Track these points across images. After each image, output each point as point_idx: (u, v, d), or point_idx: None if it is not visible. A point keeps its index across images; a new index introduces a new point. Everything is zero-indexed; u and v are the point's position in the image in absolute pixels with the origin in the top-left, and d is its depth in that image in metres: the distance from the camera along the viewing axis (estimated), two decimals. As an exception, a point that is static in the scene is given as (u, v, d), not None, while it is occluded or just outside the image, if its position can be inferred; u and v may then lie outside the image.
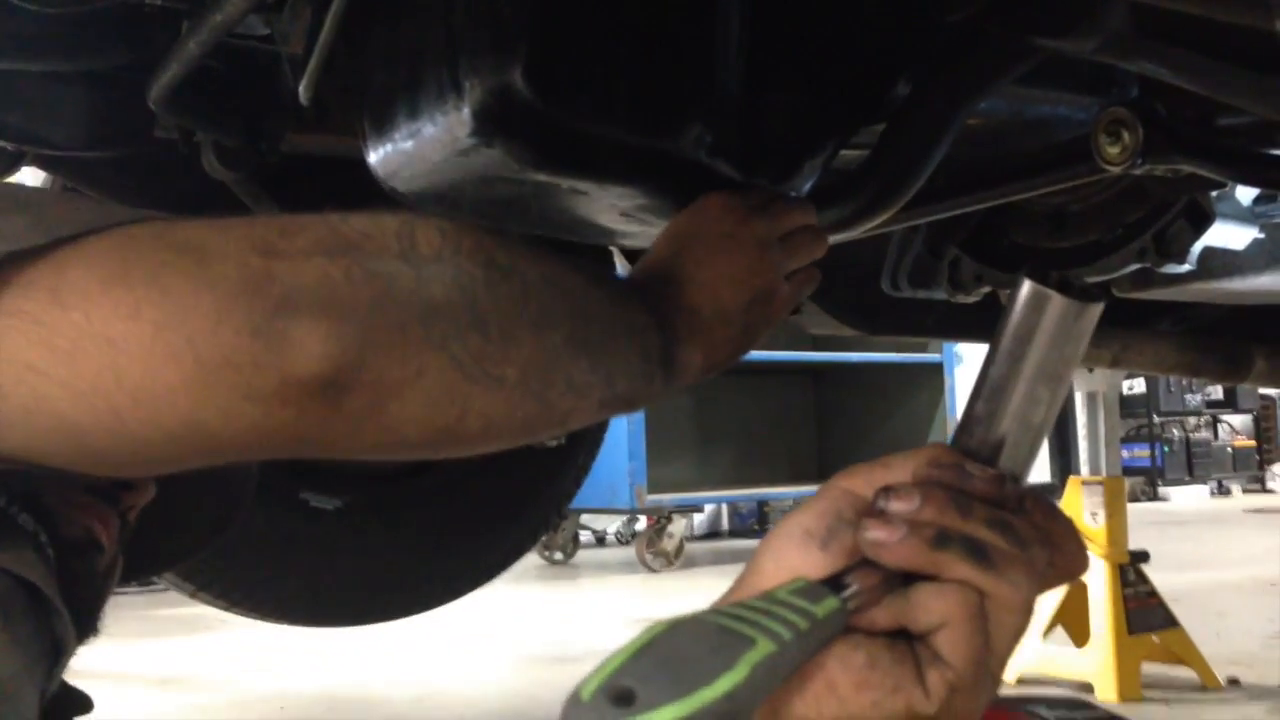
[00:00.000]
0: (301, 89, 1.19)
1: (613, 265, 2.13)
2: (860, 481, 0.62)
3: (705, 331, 0.92)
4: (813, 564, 0.59)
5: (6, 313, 0.62)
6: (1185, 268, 1.60)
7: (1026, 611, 0.58)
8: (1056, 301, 0.59)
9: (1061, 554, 0.61)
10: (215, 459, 0.69)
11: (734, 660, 0.51)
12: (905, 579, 0.58)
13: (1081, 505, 3.45)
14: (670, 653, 0.52)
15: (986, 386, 0.62)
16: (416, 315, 0.69)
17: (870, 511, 0.60)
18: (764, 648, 0.52)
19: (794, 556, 0.60)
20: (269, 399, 0.64)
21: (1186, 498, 12.23)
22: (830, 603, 0.56)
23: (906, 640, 0.58)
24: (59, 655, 0.77)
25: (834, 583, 0.57)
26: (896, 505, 0.58)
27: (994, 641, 0.57)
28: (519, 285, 0.76)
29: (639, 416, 6.34)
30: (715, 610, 0.54)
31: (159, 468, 0.73)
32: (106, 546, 0.87)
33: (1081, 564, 0.62)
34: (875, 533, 0.58)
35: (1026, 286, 0.60)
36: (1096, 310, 0.60)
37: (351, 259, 0.68)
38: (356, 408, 0.66)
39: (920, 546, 0.57)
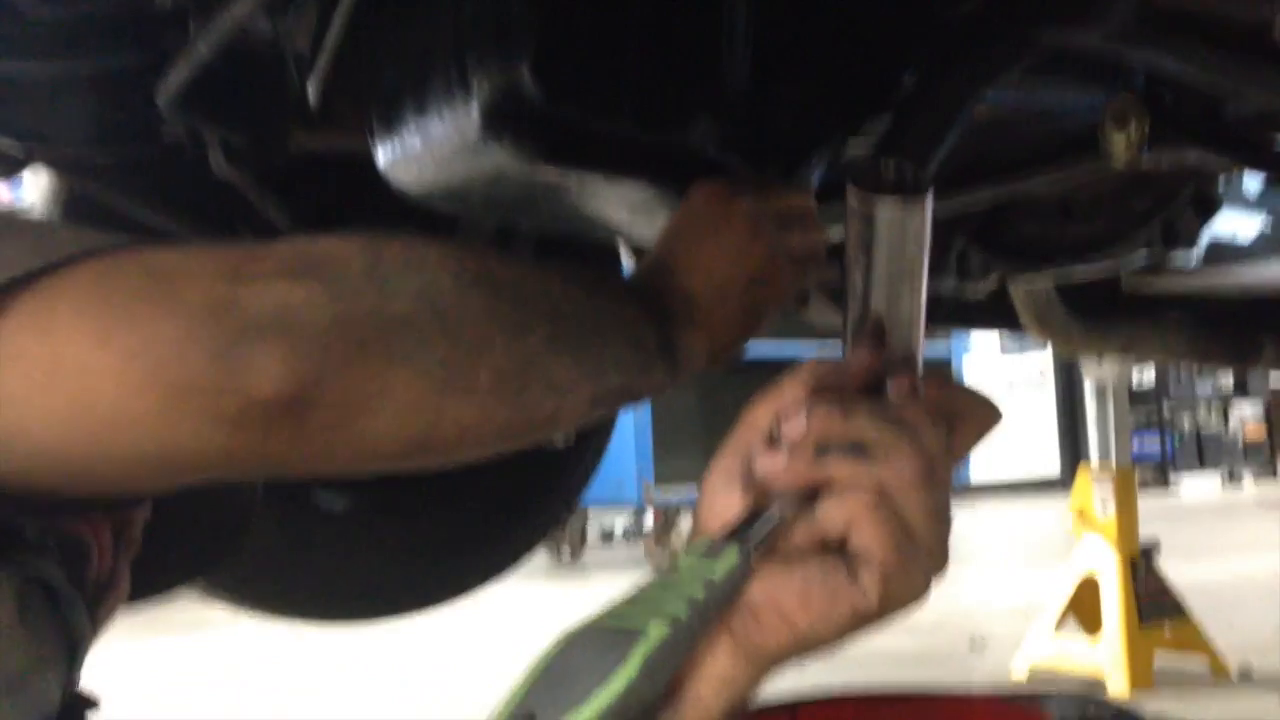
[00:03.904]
0: (310, 90, 1.19)
1: (619, 263, 2.14)
2: (761, 412, 0.66)
3: (704, 313, 0.91)
4: (737, 498, 0.65)
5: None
6: (1193, 256, 1.61)
7: (927, 486, 0.62)
8: (883, 204, 0.61)
9: (967, 418, 0.66)
10: (199, 478, 0.71)
11: (625, 656, 0.53)
12: (813, 498, 0.62)
13: (1091, 496, 3.45)
14: (565, 667, 0.54)
15: (851, 296, 0.65)
16: (377, 330, 0.70)
17: (767, 441, 0.64)
18: (656, 634, 0.54)
19: (721, 502, 0.65)
20: (235, 421, 0.65)
21: (1197, 487, 12.21)
22: (729, 556, 0.59)
23: (834, 552, 0.62)
24: (76, 648, 0.78)
25: (742, 526, 0.61)
26: (787, 428, 0.63)
27: (908, 521, 0.62)
28: (488, 290, 0.76)
29: (645, 412, 6.34)
30: (610, 609, 0.57)
31: (146, 487, 0.75)
32: (98, 556, 0.87)
33: (990, 419, 0.67)
34: (763, 464, 0.63)
35: (851, 195, 0.62)
36: (924, 201, 0.62)
37: (314, 280, 0.69)
38: (323, 426, 0.68)
39: (803, 463, 0.62)
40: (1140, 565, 3.41)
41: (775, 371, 0.69)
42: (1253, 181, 1.54)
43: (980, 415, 0.67)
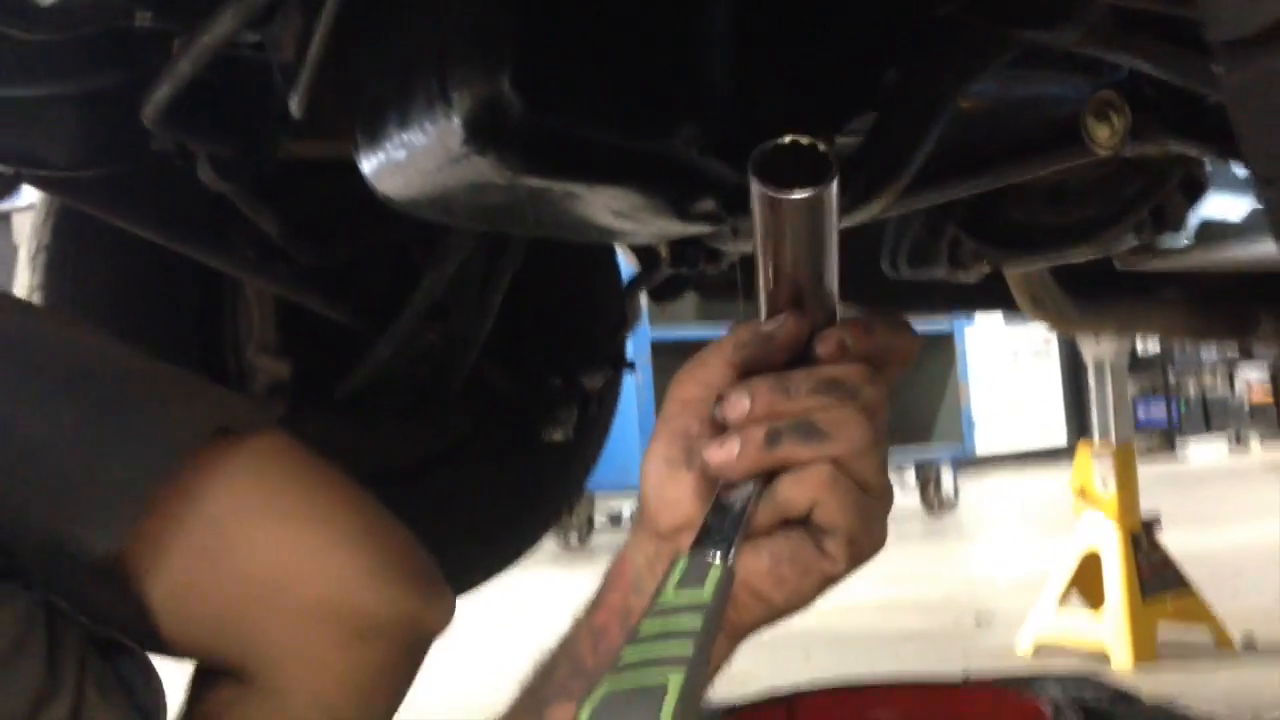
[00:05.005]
0: (294, 102, 1.20)
1: (615, 263, 2.14)
2: (690, 387, 0.66)
3: None
4: (687, 486, 0.65)
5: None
6: (1183, 239, 1.61)
7: (878, 443, 0.62)
8: (788, 195, 0.58)
9: (893, 353, 0.65)
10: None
11: (657, 717, 0.53)
12: (769, 477, 0.62)
13: (1091, 473, 3.46)
14: None
15: (766, 270, 0.63)
16: None
17: (709, 425, 0.64)
18: (675, 682, 0.54)
19: (670, 489, 0.66)
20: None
21: (1204, 453, 12.20)
22: (714, 574, 0.59)
23: (797, 526, 0.63)
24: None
25: (712, 530, 0.60)
26: (730, 412, 0.62)
27: (864, 484, 0.62)
28: None
29: (649, 394, 6.35)
30: (618, 667, 0.56)
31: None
32: None
33: (912, 347, 0.66)
34: (716, 456, 0.62)
35: (754, 185, 0.59)
36: (830, 189, 0.59)
37: None
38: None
39: (757, 453, 0.61)
40: (1142, 540, 3.42)
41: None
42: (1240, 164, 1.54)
43: (904, 347, 0.66)
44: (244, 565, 0.71)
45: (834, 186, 0.60)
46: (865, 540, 0.63)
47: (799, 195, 0.58)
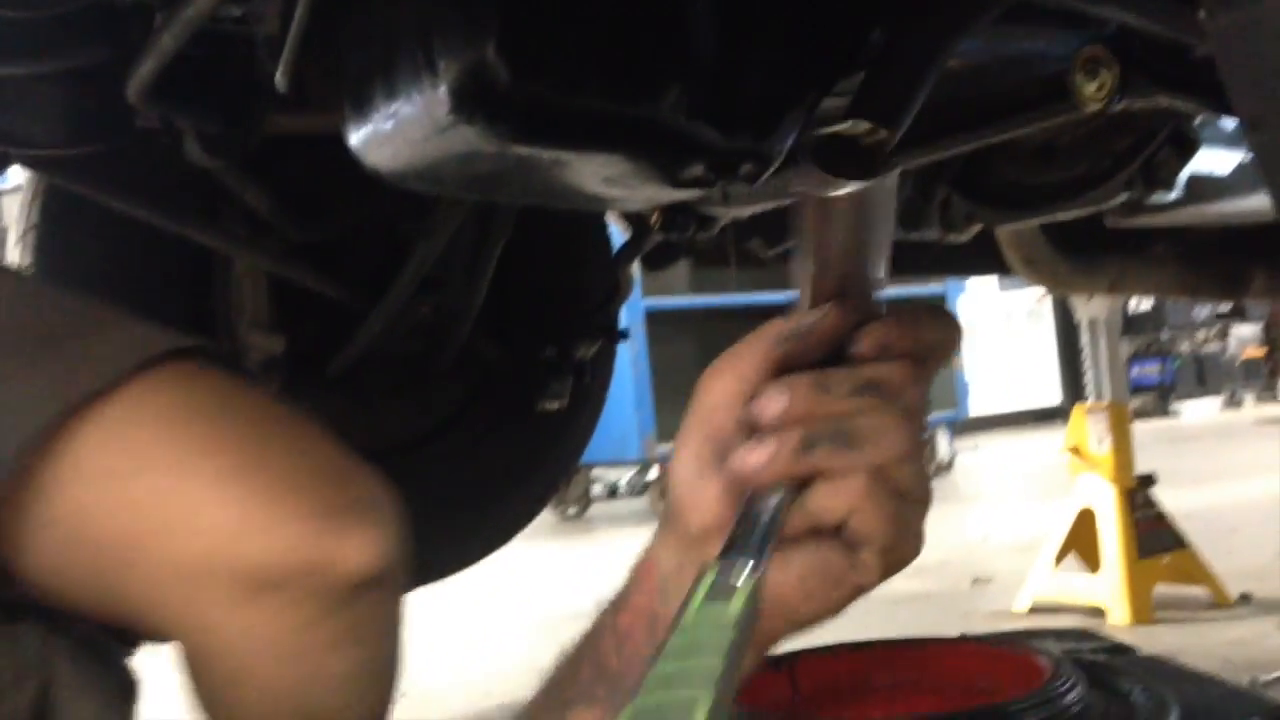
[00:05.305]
0: (278, 76, 1.19)
1: (605, 230, 2.14)
2: (724, 384, 0.62)
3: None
4: (716, 489, 0.61)
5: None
6: (1173, 195, 1.61)
7: (916, 451, 0.60)
8: (842, 182, 0.59)
9: (935, 346, 0.62)
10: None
11: None
12: (802, 483, 0.59)
13: (1086, 434, 3.47)
14: None
15: (810, 267, 0.61)
16: None
17: (744, 423, 0.61)
18: (704, 702, 0.51)
19: (699, 490, 0.62)
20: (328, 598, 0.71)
21: (1198, 411, 12.24)
22: (744, 588, 0.56)
23: (828, 535, 0.60)
24: (128, 698, 0.76)
25: (741, 540, 0.58)
26: (765, 411, 0.59)
27: (903, 491, 0.59)
28: None
29: (644, 365, 6.35)
30: (647, 686, 0.53)
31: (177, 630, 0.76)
32: None
33: (954, 337, 0.63)
34: (747, 462, 0.59)
35: (812, 171, 0.59)
36: (888, 178, 0.58)
37: None
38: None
39: (791, 459, 0.58)
40: (1138, 499, 3.44)
41: (772, 317, 0.64)
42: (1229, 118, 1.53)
43: (946, 340, 0.63)
44: (103, 531, 0.66)
45: (893, 177, 0.59)
46: (902, 548, 0.60)
47: (854, 182, 0.58)
